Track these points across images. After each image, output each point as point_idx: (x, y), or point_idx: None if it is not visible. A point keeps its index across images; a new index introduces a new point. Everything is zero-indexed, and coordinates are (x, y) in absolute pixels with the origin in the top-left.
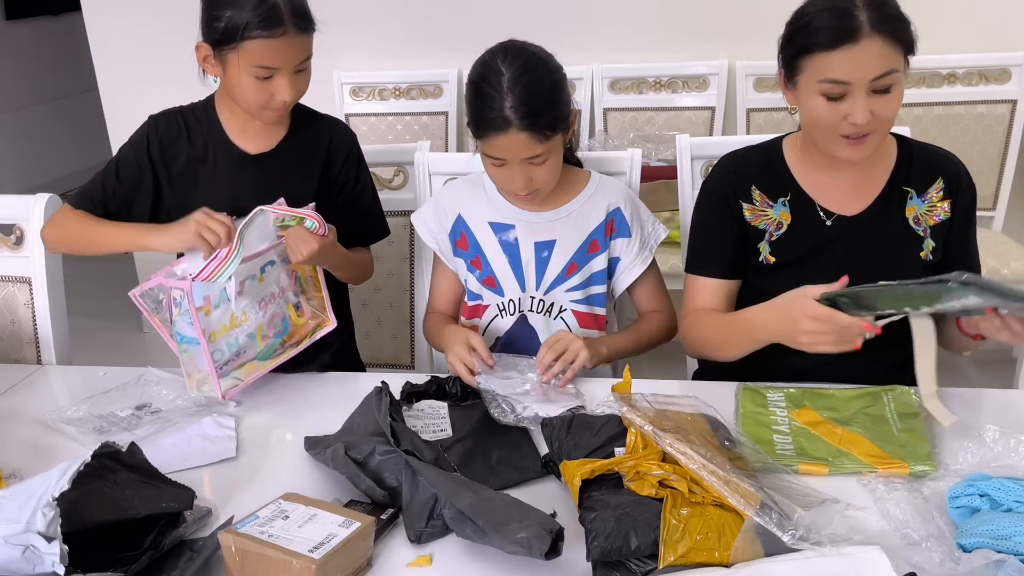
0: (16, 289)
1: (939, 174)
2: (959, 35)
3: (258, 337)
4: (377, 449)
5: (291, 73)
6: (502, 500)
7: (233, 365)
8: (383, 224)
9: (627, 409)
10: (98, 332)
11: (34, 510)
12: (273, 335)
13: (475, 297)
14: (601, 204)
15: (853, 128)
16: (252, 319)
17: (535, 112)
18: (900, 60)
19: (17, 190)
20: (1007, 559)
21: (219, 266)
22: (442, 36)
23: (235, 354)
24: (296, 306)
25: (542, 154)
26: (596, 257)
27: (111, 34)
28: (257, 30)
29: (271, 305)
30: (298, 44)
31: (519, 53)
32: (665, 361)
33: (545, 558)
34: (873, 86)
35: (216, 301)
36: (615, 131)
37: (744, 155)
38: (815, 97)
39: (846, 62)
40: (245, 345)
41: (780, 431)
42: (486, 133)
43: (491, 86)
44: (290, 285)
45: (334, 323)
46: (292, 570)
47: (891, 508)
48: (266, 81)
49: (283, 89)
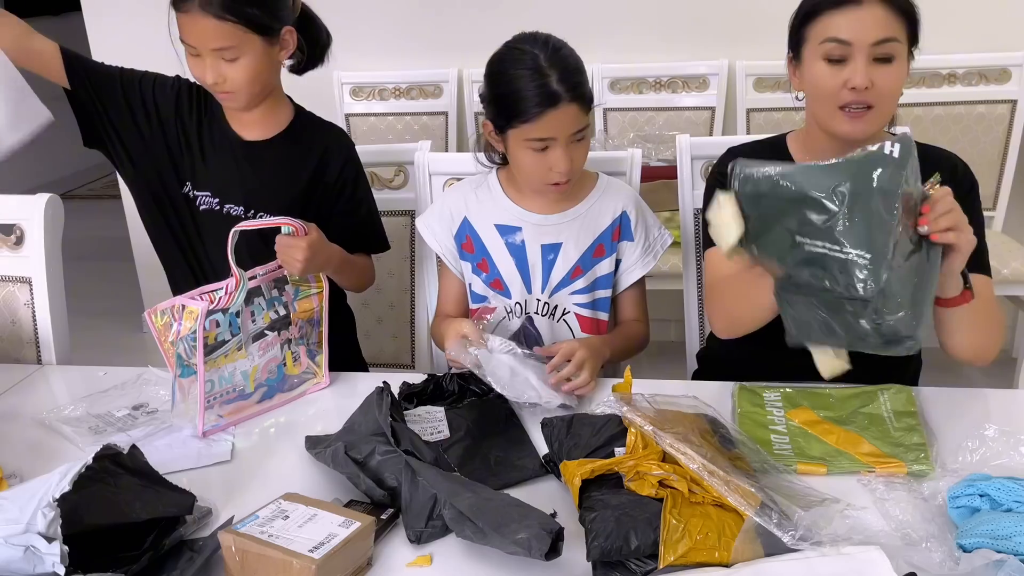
0: (16, 289)
1: (934, 170)
2: (959, 35)
3: (251, 378)
4: (377, 449)
5: (208, 53)
6: (502, 500)
7: (220, 400)
8: (382, 237)
9: (627, 409)
10: (98, 332)
11: (35, 511)
12: (265, 380)
13: (481, 299)
14: (608, 208)
15: (852, 95)
16: (249, 358)
17: (579, 83)
18: (902, 33)
19: (17, 190)
20: (1007, 559)
21: (232, 294)
22: (442, 36)
23: (225, 391)
24: (294, 356)
25: (583, 129)
26: (602, 261)
27: (111, 34)
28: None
29: (270, 350)
30: (209, 25)
31: (543, 37)
32: (665, 361)
33: (545, 559)
34: (874, 52)
35: (222, 332)
36: (615, 131)
37: (751, 146)
38: (817, 63)
39: (848, 22)
40: (237, 384)
41: (777, 431)
42: (533, 114)
43: (530, 68)
44: (293, 334)
45: (327, 382)
46: (292, 570)
47: (891, 508)
48: (192, 58)
49: (205, 70)
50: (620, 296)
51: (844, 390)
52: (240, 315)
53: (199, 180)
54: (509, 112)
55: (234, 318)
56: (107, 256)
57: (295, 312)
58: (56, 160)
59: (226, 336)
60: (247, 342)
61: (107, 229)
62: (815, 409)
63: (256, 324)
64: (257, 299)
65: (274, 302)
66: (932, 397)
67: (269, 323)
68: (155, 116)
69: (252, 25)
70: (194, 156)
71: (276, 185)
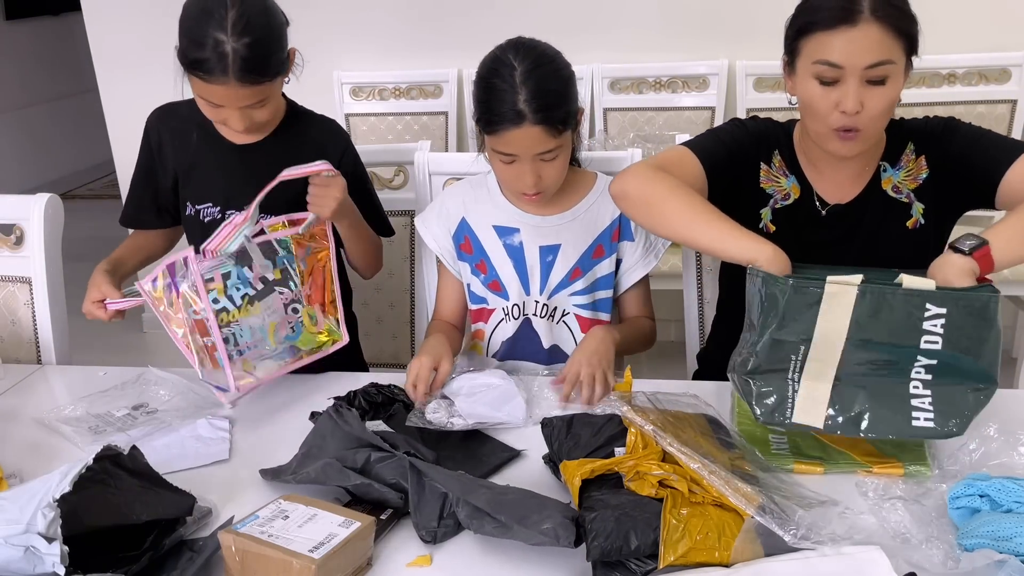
0: (16, 289)
1: (908, 139)
2: (959, 35)
3: (270, 334)
4: (372, 457)
5: (236, 108)
6: (516, 493)
7: (246, 356)
8: (388, 222)
9: (627, 409)
10: (98, 332)
11: (35, 511)
12: (285, 338)
13: (479, 301)
14: (607, 208)
15: (842, 118)
16: (264, 314)
17: (549, 105)
18: (899, 53)
19: (17, 190)
20: (1008, 559)
21: (230, 234)
22: (442, 36)
23: (247, 345)
24: (311, 316)
25: (553, 149)
26: (602, 262)
27: (111, 34)
28: (198, 71)
29: (287, 307)
30: (242, 91)
31: (531, 48)
32: (665, 361)
33: (573, 546)
34: (867, 75)
35: (232, 285)
36: (615, 131)
37: (773, 123)
38: (810, 81)
39: (841, 44)
40: (257, 340)
41: (776, 431)
42: (498, 128)
43: (503, 80)
44: (305, 293)
45: (346, 339)
46: (292, 570)
47: (891, 508)
48: (213, 108)
49: (231, 119)
50: (623, 296)
51: None
52: (251, 268)
53: (197, 194)
54: (480, 120)
55: (242, 271)
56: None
57: (305, 269)
58: (56, 160)
59: (235, 289)
60: (259, 297)
61: (107, 229)
62: None
63: (265, 278)
64: (266, 253)
65: (284, 260)
66: None
67: (280, 278)
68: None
69: (274, 75)
70: (189, 174)
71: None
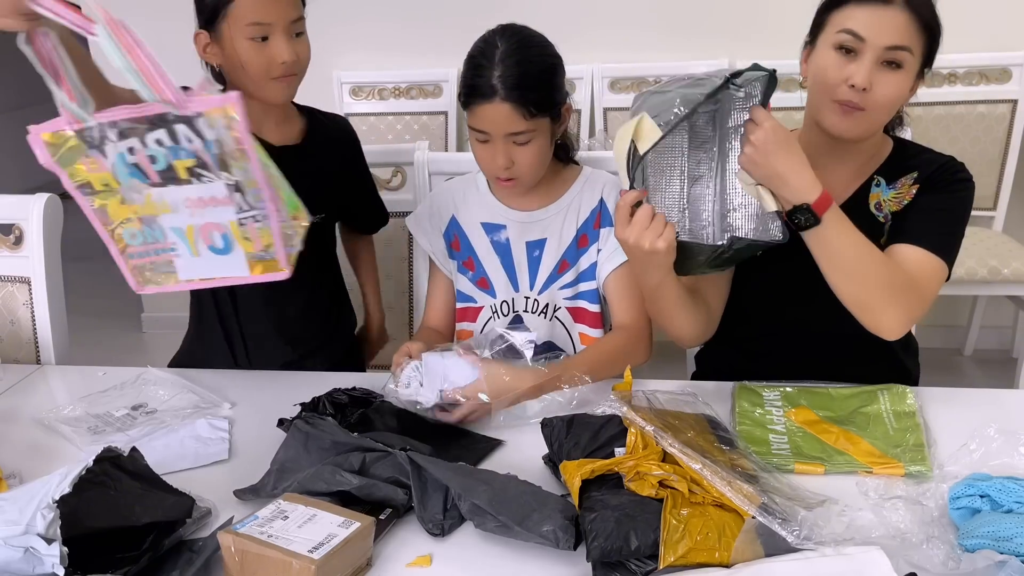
0: (15, 289)
1: (916, 167)
2: (959, 35)
3: (189, 240)
4: (367, 458)
5: (287, 33)
6: (516, 488)
7: (156, 256)
8: (384, 210)
9: (627, 409)
10: (98, 332)
11: (34, 512)
12: (209, 248)
13: (466, 299)
14: (589, 197)
15: (850, 92)
16: (177, 214)
17: (522, 85)
18: (918, 46)
19: (17, 190)
20: (1009, 559)
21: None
22: (442, 36)
23: (158, 247)
24: (243, 232)
25: (525, 132)
26: (587, 251)
27: None
28: None
29: (204, 211)
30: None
31: (518, 31)
32: (665, 361)
33: (573, 549)
34: (885, 56)
35: (118, 170)
36: (615, 131)
37: None
38: (828, 50)
39: (869, 18)
40: (175, 242)
41: (776, 431)
42: (472, 102)
43: (484, 57)
44: (235, 202)
45: (287, 272)
46: (292, 570)
47: (891, 508)
48: (263, 44)
49: (281, 49)
50: (610, 293)
51: (844, 390)
52: (134, 152)
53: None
54: (459, 95)
55: (124, 156)
56: (107, 256)
57: (243, 181)
58: None
59: (123, 175)
60: (160, 187)
61: None
62: (814, 408)
63: (159, 167)
64: (159, 138)
65: (181, 151)
66: (932, 397)
67: (187, 175)
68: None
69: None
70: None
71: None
